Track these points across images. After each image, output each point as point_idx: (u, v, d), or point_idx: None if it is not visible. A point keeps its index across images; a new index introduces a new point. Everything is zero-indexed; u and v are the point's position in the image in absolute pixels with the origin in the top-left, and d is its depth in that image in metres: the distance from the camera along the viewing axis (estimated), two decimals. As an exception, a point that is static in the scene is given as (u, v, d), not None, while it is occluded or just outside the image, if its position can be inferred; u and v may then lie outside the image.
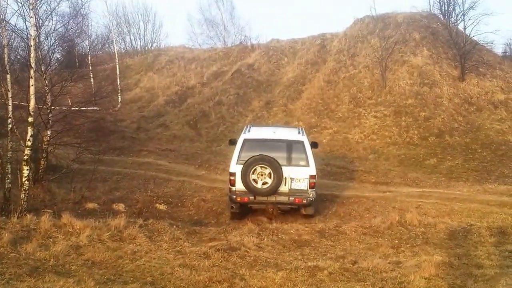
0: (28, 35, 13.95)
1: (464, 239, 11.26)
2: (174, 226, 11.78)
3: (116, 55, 37.11)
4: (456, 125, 24.65)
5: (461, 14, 30.87)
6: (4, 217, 11.00)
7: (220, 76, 34.90)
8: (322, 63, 32.92)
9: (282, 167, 13.58)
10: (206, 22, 53.24)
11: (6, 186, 13.02)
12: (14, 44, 18.14)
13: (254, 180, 13.53)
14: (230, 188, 13.90)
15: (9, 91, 13.54)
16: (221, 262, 9.27)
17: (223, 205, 15.62)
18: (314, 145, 15.47)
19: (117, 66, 35.85)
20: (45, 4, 15.50)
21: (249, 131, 14.95)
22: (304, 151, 14.01)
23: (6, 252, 8.73)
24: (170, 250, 9.83)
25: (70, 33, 20.65)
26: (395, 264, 9.35)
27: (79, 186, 16.33)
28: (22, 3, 13.92)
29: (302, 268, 8.89)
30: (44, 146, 16.69)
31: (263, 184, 13.56)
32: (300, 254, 10.21)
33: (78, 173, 17.95)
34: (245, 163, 13.53)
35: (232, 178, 13.80)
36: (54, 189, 15.75)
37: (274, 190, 13.57)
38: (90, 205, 14.76)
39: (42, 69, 16.79)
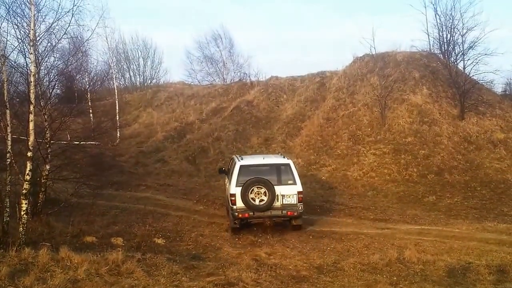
0: (28, 71, 14.09)
1: (463, 277, 11.24)
2: (172, 261, 11.74)
3: (116, 91, 37.37)
4: (456, 163, 24.66)
5: (460, 54, 30.94)
6: (2, 251, 10.99)
7: (219, 112, 35.07)
8: (321, 101, 33.06)
9: (274, 186, 15.95)
10: (206, 59, 53.59)
11: (5, 220, 12.96)
12: (14, 78, 18.20)
13: (252, 198, 15.91)
14: (232, 207, 16.09)
15: (8, 125, 13.54)
16: (219, 297, 9.24)
17: (221, 240, 15.67)
18: None
19: (117, 101, 36.14)
20: (45, 41, 15.58)
21: (242, 159, 17.40)
22: (291, 171, 16.51)
23: (4, 285, 8.70)
24: (168, 285, 9.80)
25: (70, 69, 20.73)
26: (394, 301, 9.32)
27: (77, 220, 16.33)
28: (22, 39, 14.07)
29: (301, 304, 8.87)
30: (43, 180, 16.69)
31: (260, 201, 15.94)
32: (298, 290, 10.17)
33: (77, 207, 17.95)
34: (243, 185, 15.86)
35: (233, 198, 16.04)
36: (52, 223, 15.69)
37: (269, 206, 15.94)
38: (89, 239, 14.70)
39: (42, 104, 16.86)
